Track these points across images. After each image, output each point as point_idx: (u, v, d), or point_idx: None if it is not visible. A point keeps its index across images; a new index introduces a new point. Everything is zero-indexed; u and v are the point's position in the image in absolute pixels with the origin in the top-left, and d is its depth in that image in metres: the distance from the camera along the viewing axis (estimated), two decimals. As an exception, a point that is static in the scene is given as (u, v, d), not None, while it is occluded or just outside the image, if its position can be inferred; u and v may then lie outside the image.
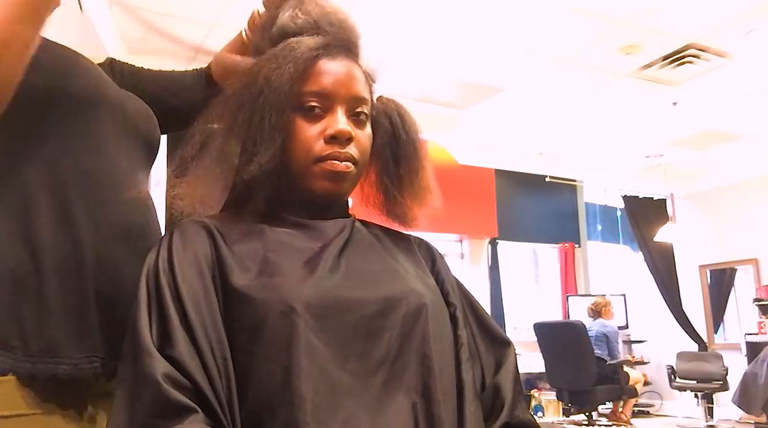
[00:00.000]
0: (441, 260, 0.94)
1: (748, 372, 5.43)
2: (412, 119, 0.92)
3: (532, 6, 3.58)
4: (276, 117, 0.80)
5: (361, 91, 0.84)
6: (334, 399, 0.69)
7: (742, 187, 6.82)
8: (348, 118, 0.83)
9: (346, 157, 0.81)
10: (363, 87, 0.85)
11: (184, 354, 0.68)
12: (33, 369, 0.77)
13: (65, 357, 0.79)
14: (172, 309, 0.70)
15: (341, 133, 0.81)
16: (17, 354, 0.77)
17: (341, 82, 0.83)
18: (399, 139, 0.89)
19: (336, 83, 0.82)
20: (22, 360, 0.77)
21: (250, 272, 0.75)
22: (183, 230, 0.79)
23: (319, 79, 0.82)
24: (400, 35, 3.89)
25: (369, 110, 0.87)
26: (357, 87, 0.84)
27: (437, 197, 0.91)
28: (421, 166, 0.90)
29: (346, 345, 0.72)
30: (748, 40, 4.00)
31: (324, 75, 0.82)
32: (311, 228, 0.83)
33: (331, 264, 0.77)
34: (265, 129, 0.79)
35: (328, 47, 0.84)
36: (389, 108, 0.91)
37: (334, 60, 0.83)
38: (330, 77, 0.82)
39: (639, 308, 7.32)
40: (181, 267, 0.74)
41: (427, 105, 4.93)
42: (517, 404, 0.82)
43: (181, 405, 0.65)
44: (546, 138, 5.96)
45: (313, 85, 0.82)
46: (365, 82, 0.86)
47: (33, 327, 0.78)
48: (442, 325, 0.81)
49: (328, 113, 0.82)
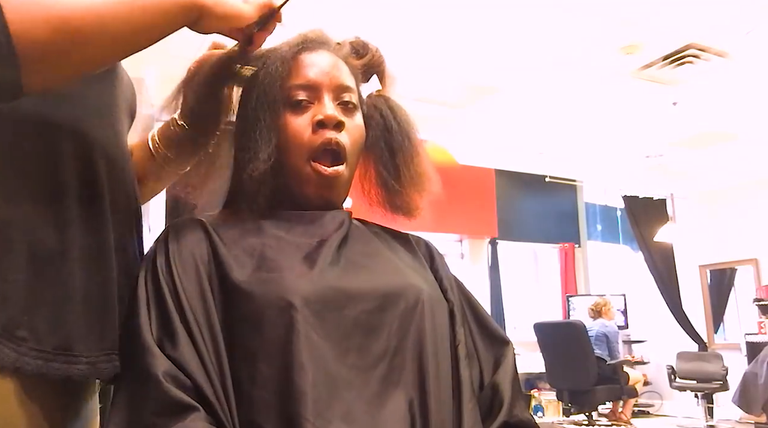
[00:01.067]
0: (440, 258, 0.94)
1: (748, 372, 5.43)
2: (403, 109, 0.93)
3: (532, 6, 3.58)
4: (270, 115, 0.81)
5: (345, 79, 0.86)
6: (334, 393, 0.69)
7: (743, 186, 6.82)
8: (336, 105, 0.84)
9: (336, 142, 0.82)
10: (347, 76, 0.87)
11: (185, 354, 0.68)
12: (43, 368, 0.67)
13: (81, 355, 0.70)
14: (172, 309, 0.71)
15: (329, 118, 0.82)
16: (23, 348, 0.66)
17: (324, 71, 0.84)
18: (391, 130, 0.90)
19: (320, 73, 0.84)
20: (30, 355, 0.66)
21: (247, 268, 0.75)
22: (179, 229, 0.79)
23: (304, 72, 0.84)
24: (400, 35, 3.89)
25: (357, 100, 0.88)
26: (341, 76, 0.86)
27: (436, 183, 0.92)
28: (416, 153, 0.91)
29: (345, 339, 0.72)
30: (748, 40, 4.00)
31: (307, 67, 0.84)
32: (309, 223, 0.83)
33: (330, 259, 0.78)
34: (262, 128, 0.81)
35: (308, 41, 0.86)
36: (378, 102, 0.92)
37: (315, 52, 0.86)
38: (314, 68, 0.84)
39: (639, 308, 7.32)
40: (178, 266, 0.74)
41: (426, 105, 4.93)
42: (515, 403, 0.82)
43: (182, 403, 0.65)
44: (546, 138, 5.96)
45: (298, 78, 0.83)
46: (349, 73, 0.88)
47: (49, 317, 0.68)
48: (439, 321, 0.82)
49: (315, 103, 0.84)
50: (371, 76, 0.93)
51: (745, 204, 6.79)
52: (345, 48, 0.91)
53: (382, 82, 0.94)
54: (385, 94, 0.93)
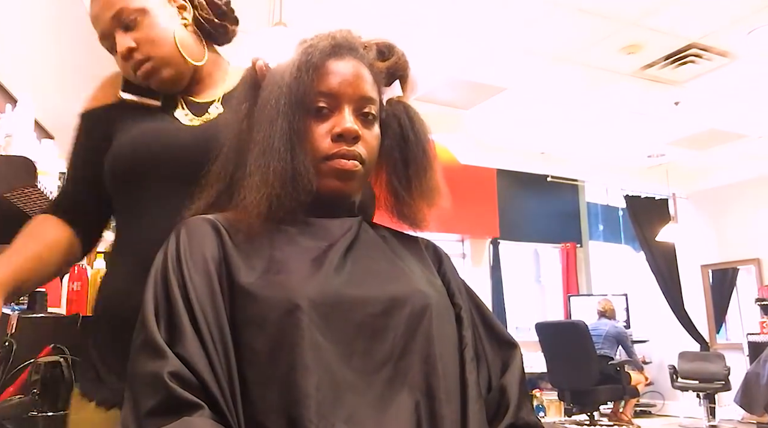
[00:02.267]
0: (448, 262, 0.94)
1: (750, 373, 5.42)
2: (421, 121, 0.92)
3: (534, 5, 3.58)
4: (292, 119, 0.81)
5: (368, 90, 0.85)
6: (338, 397, 0.69)
7: (745, 186, 6.81)
8: (355, 117, 0.84)
9: (353, 155, 0.82)
10: (370, 87, 0.86)
11: (193, 353, 0.69)
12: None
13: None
14: (181, 308, 0.71)
15: (348, 132, 0.82)
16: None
17: (348, 81, 0.84)
18: (408, 141, 0.90)
19: (343, 83, 0.83)
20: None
21: (256, 270, 0.76)
22: (190, 228, 0.79)
23: (327, 80, 0.83)
24: (402, 35, 3.89)
25: (377, 110, 0.87)
26: (364, 87, 0.85)
27: (446, 198, 0.92)
28: (429, 167, 0.90)
29: (350, 342, 0.73)
30: (749, 40, 4.00)
31: (332, 75, 0.83)
32: (318, 227, 0.83)
33: (337, 263, 0.78)
34: (283, 131, 0.80)
35: (336, 47, 0.85)
36: (398, 110, 0.91)
37: (342, 60, 0.85)
38: (337, 77, 0.84)
39: (641, 308, 7.33)
40: (188, 266, 0.74)
41: (428, 105, 4.93)
42: (522, 405, 0.82)
43: (187, 402, 0.66)
44: (548, 138, 5.96)
45: (322, 86, 0.83)
46: (373, 83, 0.87)
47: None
48: (446, 325, 0.81)
49: (335, 112, 0.83)
50: (394, 81, 0.92)
51: (747, 204, 6.79)
52: (371, 52, 0.90)
53: (404, 87, 0.93)
54: (405, 100, 0.93)
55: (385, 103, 0.91)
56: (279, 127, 0.80)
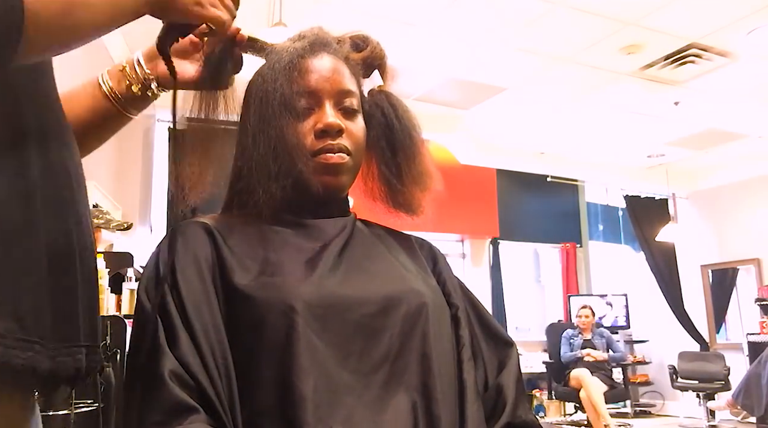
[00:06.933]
0: (443, 261, 0.94)
1: (751, 373, 5.42)
2: (405, 107, 0.92)
3: (534, 5, 3.58)
4: (273, 121, 0.81)
5: (346, 83, 0.86)
6: (335, 398, 0.69)
7: (744, 186, 6.81)
8: (337, 111, 0.84)
9: (339, 148, 0.82)
10: (348, 80, 0.86)
11: (187, 355, 0.68)
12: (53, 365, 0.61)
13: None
14: (174, 311, 0.71)
15: (330, 126, 0.82)
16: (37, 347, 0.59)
17: (325, 77, 0.84)
18: (393, 129, 0.89)
19: (320, 79, 0.84)
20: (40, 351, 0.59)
21: (250, 272, 0.75)
22: (183, 231, 0.79)
23: (306, 78, 0.84)
24: (402, 35, 3.89)
25: (358, 102, 0.88)
26: (342, 80, 0.85)
27: (438, 180, 0.91)
28: (418, 152, 0.90)
29: (346, 343, 0.72)
30: (749, 40, 4.00)
31: (308, 73, 0.84)
32: (312, 227, 0.84)
33: (332, 264, 0.78)
34: (265, 133, 0.81)
35: (309, 45, 0.86)
36: (380, 99, 0.91)
37: (316, 57, 0.85)
38: (315, 74, 0.84)
39: (641, 308, 7.32)
40: (182, 269, 0.74)
41: (428, 105, 4.93)
42: (519, 404, 0.82)
43: (184, 404, 0.65)
44: (547, 138, 5.96)
45: (300, 85, 0.83)
46: (350, 76, 0.87)
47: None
48: (442, 325, 0.81)
49: (317, 109, 0.84)
50: (372, 71, 0.92)
51: (746, 204, 6.79)
52: (345, 45, 0.90)
53: (384, 76, 0.93)
54: (386, 89, 0.93)
55: (366, 94, 0.91)
56: (265, 133, 0.81)
